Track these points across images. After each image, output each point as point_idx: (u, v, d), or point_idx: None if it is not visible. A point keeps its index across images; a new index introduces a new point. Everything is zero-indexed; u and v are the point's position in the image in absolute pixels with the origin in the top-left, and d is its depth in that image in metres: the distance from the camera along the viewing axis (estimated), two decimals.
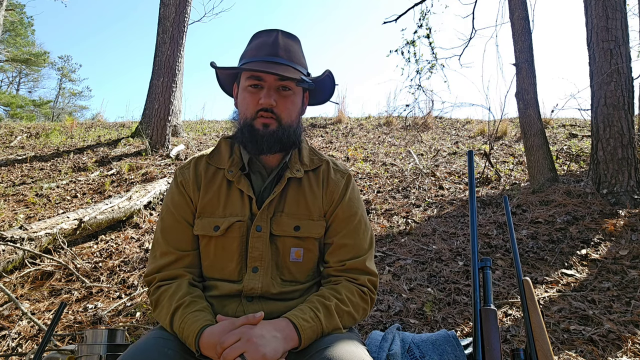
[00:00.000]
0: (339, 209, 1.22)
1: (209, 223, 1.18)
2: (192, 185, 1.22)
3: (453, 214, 3.88)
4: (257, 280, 1.15)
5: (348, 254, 1.19)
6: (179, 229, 1.20)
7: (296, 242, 1.18)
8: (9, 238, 3.00)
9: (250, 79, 1.16)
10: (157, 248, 1.21)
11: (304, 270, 1.21)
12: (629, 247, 2.93)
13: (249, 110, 1.16)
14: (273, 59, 1.15)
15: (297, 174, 1.21)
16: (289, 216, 1.18)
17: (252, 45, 1.20)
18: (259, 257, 1.16)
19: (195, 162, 1.26)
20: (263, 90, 1.15)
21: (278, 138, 1.15)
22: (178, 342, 1.06)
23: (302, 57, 1.23)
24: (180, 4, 6.82)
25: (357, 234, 1.21)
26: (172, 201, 1.23)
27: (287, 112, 1.17)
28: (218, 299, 1.16)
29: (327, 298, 1.10)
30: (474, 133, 7.48)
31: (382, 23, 7.03)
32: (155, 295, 1.16)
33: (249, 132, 1.16)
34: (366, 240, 1.22)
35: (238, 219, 1.17)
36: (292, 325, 1.01)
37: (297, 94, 1.20)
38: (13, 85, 28.22)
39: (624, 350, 1.95)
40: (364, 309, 1.16)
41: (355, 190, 1.27)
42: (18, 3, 21.82)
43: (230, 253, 1.17)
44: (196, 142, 7.20)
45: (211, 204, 1.20)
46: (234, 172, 1.20)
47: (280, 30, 1.21)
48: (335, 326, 1.07)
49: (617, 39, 3.99)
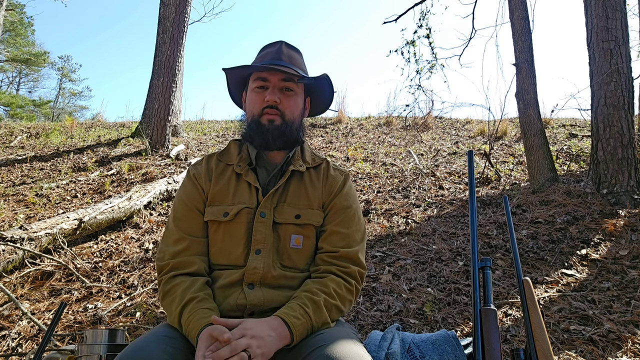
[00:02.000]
0: (336, 200, 1.31)
1: (218, 210, 1.26)
2: (204, 177, 1.32)
3: (453, 214, 3.88)
4: (260, 260, 1.21)
5: (341, 241, 1.25)
6: (190, 216, 1.28)
7: (297, 229, 1.26)
8: (9, 238, 3.00)
9: (257, 80, 1.30)
10: (169, 236, 1.27)
11: (303, 257, 1.26)
12: (629, 247, 2.93)
13: (256, 108, 1.29)
14: (277, 62, 1.30)
15: (300, 167, 1.31)
16: (290, 206, 1.27)
17: (258, 56, 1.37)
18: (262, 240, 1.23)
19: (207, 159, 1.38)
20: (268, 90, 1.28)
21: (282, 132, 1.27)
22: (179, 340, 1.07)
23: (303, 64, 1.37)
24: (180, 4, 6.82)
25: (351, 224, 1.29)
26: (185, 192, 1.32)
27: (290, 109, 1.29)
28: (221, 289, 1.20)
29: (315, 293, 1.14)
30: (474, 133, 7.48)
31: (382, 23, 7.04)
32: (169, 285, 1.18)
33: (256, 127, 1.28)
34: (359, 233, 1.30)
35: (246, 205, 1.26)
36: (285, 324, 1.04)
37: (299, 95, 1.33)
38: (13, 85, 28.24)
39: (624, 350, 1.95)
40: (350, 300, 1.21)
41: (352, 188, 1.37)
42: (18, 3, 21.82)
43: (237, 238, 1.24)
44: (196, 142, 7.20)
45: (221, 193, 1.29)
46: (242, 167, 1.31)
47: (284, 42, 1.36)
48: (324, 321, 1.11)
49: (617, 39, 3.99)
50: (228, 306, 1.17)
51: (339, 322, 1.20)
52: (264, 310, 1.17)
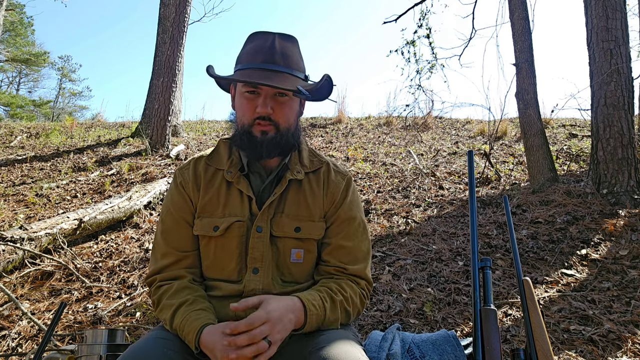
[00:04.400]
0: (340, 211, 1.23)
1: (208, 223, 1.18)
2: (192, 185, 1.22)
3: (453, 214, 3.87)
4: (258, 281, 1.15)
5: (347, 256, 1.20)
6: (179, 229, 1.21)
7: (297, 243, 1.19)
8: (9, 238, 3.00)
9: (247, 85, 1.15)
10: (157, 250, 1.21)
11: (304, 270, 1.21)
12: (629, 247, 2.93)
13: (246, 117, 1.16)
14: (269, 67, 1.13)
15: (297, 175, 1.21)
16: (289, 217, 1.19)
17: (248, 49, 1.18)
18: (260, 258, 1.16)
19: (194, 162, 1.26)
20: (260, 98, 1.14)
21: (277, 143, 1.15)
22: (178, 343, 1.05)
23: (300, 59, 1.21)
24: (180, 4, 6.81)
25: (356, 237, 1.23)
26: (172, 202, 1.23)
27: (284, 118, 1.16)
28: (218, 300, 1.16)
29: (335, 292, 1.12)
30: (474, 133, 7.48)
31: (382, 23, 7.03)
32: (157, 294, 1.16)
33: (248, 139, 1.16)
34: (365, 245, 1.24)
35: (237, 219, 1.17)
36: (304, 310, 1.03)
37: (294, 99, 1.19)
38: (13, 85, 28.23)
39: (624, 350, 1.95)
40: (359, 311, 1.20)
41: (355, 194, 1.28)
42: (18, 3, 21.81)
43: (229, 253, 1.17)
44: (196, 142, 7.20)
45: (211, 204, 1.20)
46: (233, 173, 1.20)
47: (277, 33, 1.18)
48: (335, 320, 1.09)
49: (617, 39, 3.99)
50: (226, 316, 1.12)
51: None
52: None
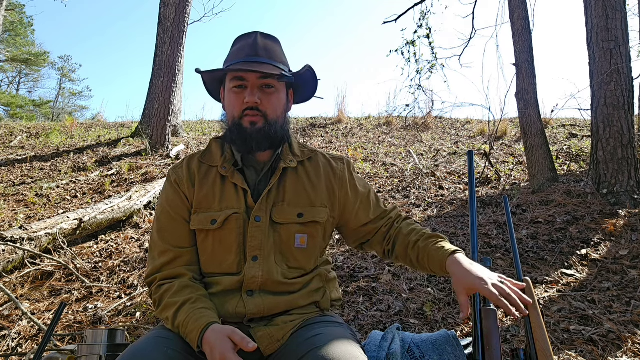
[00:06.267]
0: (356, 190, 1.32)
1: (205, 218, 1.19)
2: (187, 182, 1.23)
3: (453, 214, 3.87)
4: (258, 268, 1.15)
5: (384, 214, 1.33)
6: (175, 226, 1.21)
7: (300, 228, 1.20)
8: (9, 238, 3.00)
9: (234, 80, 1.19)
10: (154, 248, 1.21)
11: (309, 256, 1.22)
12: (629, 247, 2.93)
13: (236, 110, 1.20)
14: (254, 59, 1.19)
15: (290, 164, 1.24)
16: (290, 205, 1.21)
17: (233, 49, 1.24)
18: (258, 246, 1.17)
19: (187, 161, 1.28)
20: (247, 90, 1.18)
21: (266, 134, 1.19)
22: (179, 342, 1.05)
23: (282, 55, 1.26)
24: (180, 4, 6.81)
25: (378, 200, 1.36)
26: (167, 200, 1.24)
27: (272, 108, 1.20)
28: (218, 296, 1.16)
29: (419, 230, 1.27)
30: (474, 133, 7.47)
31: (382, 23, 7.05)
32: (158, 293, 1.15)
33: (238, 131, 1.19)
34: (372, 193, 1.37)
35: (234, 211, 1.18)
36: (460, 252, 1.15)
37: (280, 91, 1.22)
38: (13, 85, 28.23)
39: (624, 350, 1.95)
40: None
41: (355, 170, 1.38)
42: (18, 3, 21.81)
43: (228, 245, 1.17)
44: (196, 142, 7.20)
45: (207, 199, 1.21)
46: (227, 168, 1.22)
47: (259, 32, 1.24)
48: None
49: (617, 39, 3.99)
50: (226, 313, 1.13)
51: (338, 322, 1.17)
52: (264, 317, 1.14)
